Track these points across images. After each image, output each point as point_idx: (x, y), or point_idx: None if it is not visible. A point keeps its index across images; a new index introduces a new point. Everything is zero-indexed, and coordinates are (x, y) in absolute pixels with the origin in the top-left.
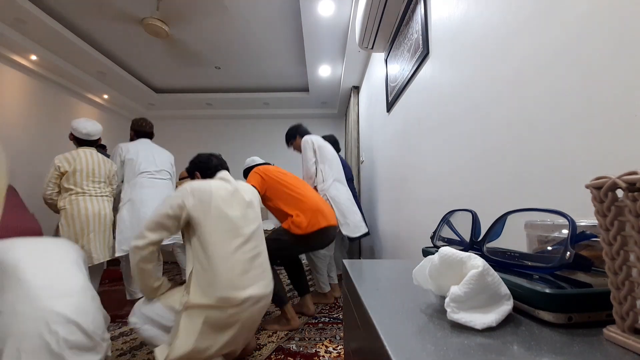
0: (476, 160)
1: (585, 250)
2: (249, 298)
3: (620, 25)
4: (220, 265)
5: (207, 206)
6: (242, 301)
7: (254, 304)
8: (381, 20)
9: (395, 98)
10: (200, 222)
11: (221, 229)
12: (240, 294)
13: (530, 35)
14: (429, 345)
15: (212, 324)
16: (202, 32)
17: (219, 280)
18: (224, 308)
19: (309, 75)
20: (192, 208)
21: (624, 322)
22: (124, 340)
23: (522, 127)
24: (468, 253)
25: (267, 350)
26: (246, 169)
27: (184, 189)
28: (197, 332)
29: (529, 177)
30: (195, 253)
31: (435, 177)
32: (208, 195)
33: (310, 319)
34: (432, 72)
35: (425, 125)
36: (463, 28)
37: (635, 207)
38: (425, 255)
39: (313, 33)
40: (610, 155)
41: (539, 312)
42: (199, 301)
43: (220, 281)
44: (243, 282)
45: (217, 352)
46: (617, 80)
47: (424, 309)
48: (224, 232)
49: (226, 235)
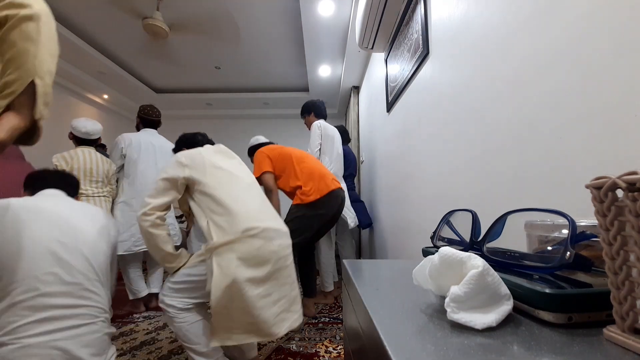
0: (476, 160)
1: (585, 250)
2: (269, 229)
3: (621, 25)
4: (234, 205)
5: (202, 165)
6: (264, 229)
7: (277, 238)
8: (381, 20)
9: (395, 98)
10: (200, 180)
11: (223, 180)
12: (261, 224)
13: (530, 35)
14: (429, 345)
15: (245, 259)
16: (202, 32)
17: (237, 216)
18: (250, 238)
19: (309, 75)
20: (189, 169)
21: (624, 322)
22: (124, 340)
23: (522, 127)
24: (468, 253)
25: (267, 350)
26: (251, 148)
27: (175, 157)
28: (234, 264)
29: (529, 177)
30: (205, 206)
31: (435, 177)
32: (200, 156)
33: (310, 319)
34: (432, 72)
35: (425, 125)
36: (463, 28)
37: (635, 207)
38: (425, 255)
39: (313, 33)
40: (610, 155)
41: (539, 312)
42: (223, 239)
43: (238, 216)
44: (260, 216)
45: (259, 304)
46: (617, 80)
47: (424, 309)
48: (226, 182)
49: (229, 183)
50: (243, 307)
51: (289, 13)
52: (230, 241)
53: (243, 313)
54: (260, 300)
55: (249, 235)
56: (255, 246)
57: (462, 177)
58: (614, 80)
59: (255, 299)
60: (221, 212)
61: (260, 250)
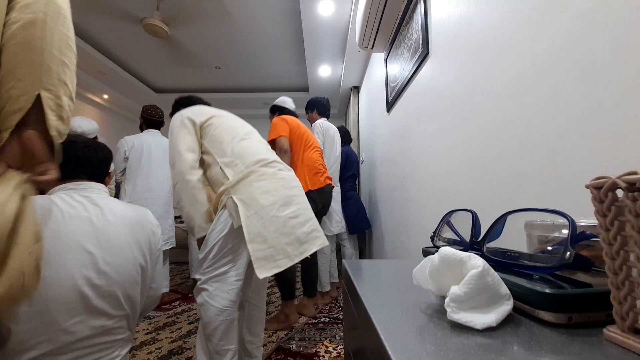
0: (476, 160)
1: (585, 250)
2: (278, 161)
3: (621, 25)
4: (243, 144)
5: (204, 113)
6: (274, 160)
7: (286, 169)
8: (381, 20)
9: (395, 98)
10: (209, 132)
11: (230, 128)
12: (270, 156)
13: (530, 34)
14: (429, 345)
15: (264, 187)
16: (202, 32)
17: (247, 153)
18: (264, 167)
19: (309, 75)
20: (199, 120)
21: (624, 322)
22: None
23: (522, 127)
24: (468, 253)
25: (267, 350)
26: (274, 107)
27: (179, 114)
28: (256, 192)
29: (529, 177)
30: (215, 152)
31: (435, 177)
32: (205, 110)
33: (310, 319)
34: (432, 72)
35: (425, 125)
36: (463, 28)
37: (635, 207)
38: (425, 255)
39: (313, 33)
40: (610, 155)
41: (539, 312)
42: (239, 176)
43: (248, 152)
44: (268, 153)
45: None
46: (617, 80)
47: (424, 309)
48: (232, 130)
49: (235, 128)
50: (276, 228)
51: (289, 13)
52: (246, 175)
53: (279, 235)
54: (291, 220)
55: (262, 165)
56: (270, 172)
57: (462, 177)
58: (614, 80)
59: (286, 219)
60: (230, 152)
61: (276, 176)
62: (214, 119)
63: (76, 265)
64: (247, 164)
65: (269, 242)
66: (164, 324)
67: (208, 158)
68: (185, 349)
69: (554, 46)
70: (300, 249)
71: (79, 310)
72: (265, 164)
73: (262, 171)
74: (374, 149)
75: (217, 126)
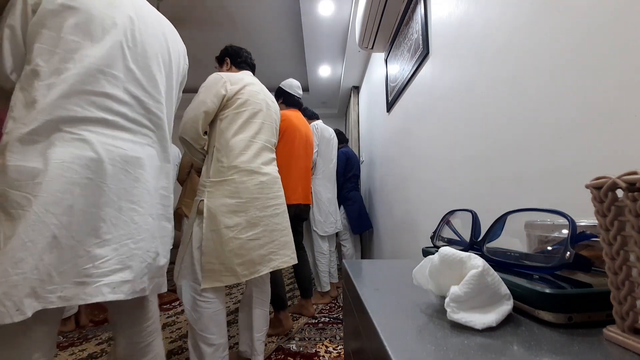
0: (476, 160)
1: (585, 250)
2: (266, 166)
3: (621, 25)
4: (236, 138)
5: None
6: (258, 168)
7: (271, 182)
8: (381, 20)
9: (395, 98)
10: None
11: (243, 118)
12: (259, 159)
13: (530, 34)
14: (429, 345)
15: (234, 200)
16: (201, 32)
17: (237, 147)
18: (245, 179)
19: (309, 75)
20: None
21: (624, 322)
22: None
23: (522, 127)
24: (468, 253)
25: (267, 350)
26: (279, 90)
27: (218, 76)
28: (224, 210)
29: (529, 177)
30: (216, 139)
31: (435, 177)
32: (241, 82)
33: (310, 319)
34: (432, 72)
35: (426, 125)
36: (463, 28)
37: (635, 207)
38: (425, 255)
39: (313, 33)
40: (610, 155)
41: (539, 312)
42: (218, 178)
43: (238, 148)
44: (257, 159)
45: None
46: (617, 80)
47: (424, 309)
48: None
49: (242, 122)
50: (232, 249)
51: (289, 13)
52: (223, 181)
53: (233, 255)
54: (250, 242)
55: (246, 170)
56: (251, 183)
57: (462, 177)
58: (614, 80)
59: (245, 241)
60: (224, 142)
61: (254, 189)
62: (238, 97)
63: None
64: (229, 165)
65: (221, 259)
66: (164, 324)
67: (210, 140)
68: (185, 349)
69: (554, 46)
70: (252, 269)
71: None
72: (250, 170)
73: (240, 180)
74: (374, 149)
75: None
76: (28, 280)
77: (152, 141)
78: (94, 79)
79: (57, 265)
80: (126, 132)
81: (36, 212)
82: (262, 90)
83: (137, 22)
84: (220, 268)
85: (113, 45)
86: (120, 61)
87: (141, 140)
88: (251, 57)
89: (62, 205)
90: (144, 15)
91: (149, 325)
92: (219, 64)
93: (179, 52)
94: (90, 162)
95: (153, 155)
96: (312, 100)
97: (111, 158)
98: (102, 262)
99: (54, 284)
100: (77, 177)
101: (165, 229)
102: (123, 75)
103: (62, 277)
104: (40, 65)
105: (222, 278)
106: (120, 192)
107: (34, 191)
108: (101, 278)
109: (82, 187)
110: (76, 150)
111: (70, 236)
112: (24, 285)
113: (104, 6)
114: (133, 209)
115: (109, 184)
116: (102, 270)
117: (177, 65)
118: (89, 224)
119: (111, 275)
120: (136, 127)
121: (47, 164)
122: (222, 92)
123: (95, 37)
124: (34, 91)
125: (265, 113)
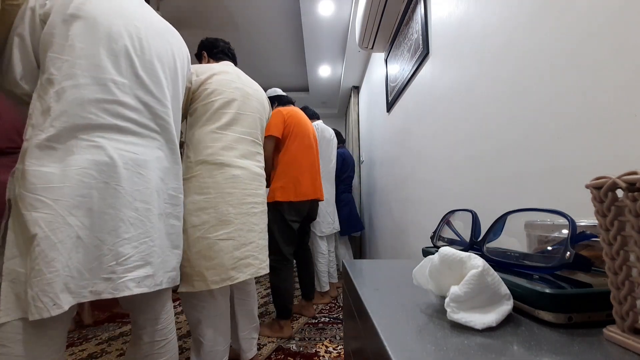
0: (476, 160)
1: (585, 250)
2: (242, 160)
3: (621, 25)
4: (204, 130)
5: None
6: (234, 162)
7: (252, 176)
8: (381, 20)
9: (395, 98)
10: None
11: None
12: (233, 153)
13: (530, 34)
14: (429, 345)
15: (199, 207)
16: (201, 32)
17: (205, 140)
18: (215, 173)
19: (309, 75)
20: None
21: (624, 322)
22: (124, 340)
23: (522, 127)
24: (468, 253)
25: (267, 350)
26: (270, 100)
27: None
28: (192, 206)
29: (529, 177)
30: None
31: (435, 177)
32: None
33: (310, 319)
34: (432, 72)
35: (426, 125)
36: (463, 28)
37: (635, 207)
38: (425, 255)
39: (313, 33)
40: (610, 155)
41: (539, 312)
42: (185, 175)
43: (206, 141)
44: (237, 153)
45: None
46: (618, 80)
47: (424, 309)
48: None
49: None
50: (199, 250)
51: (289, 13)
52: (190, 178)
53: (200, 257)
54: (220, 243)
55: (215, 164)
56: (221, 178)
57: (462, 177)
58: (614, 80)
59: (214, 241)
60: (190, 135)
61: (226, 184)
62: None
63: None
64: (196, 160)
65: (190, 262)
66: None
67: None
68: (185, 349)
69: (554, 46)
70: (224, 275)
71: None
72: (220, 163)
73: (208, 174)
74: (374, 149)
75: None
76: (61, 277)
77: (161, 144)
78: (105, 87)
79: (84, 263)
80: (136, 136)
81: (62, 215)
82: (238, 79)
83: (143, 30)
84: (190, 272)
85: (122, 53)
86: (129, 68)
87: (150, 144)
88: (230, 47)
89: (83, 208)
90: (149, 22)
91: (167, 319)
92: (198, 59)
93: (184, 57)
94: (106, 167)
95: (161, 157)
96: (312, 100)
97: (125, 162)
98: (125, 259)
99: (84, 279)
100: (95, 182)
101: (174, 226)
102: (132, 82)
103: (91, 273)
104: (53, 74)
105: (194, 283)
106: (135, 193)
107: (50, 195)
108: (126, 274)
109: (100, 191)
110: (92, 156)
111: (93, 236)
112: (58, 282)
113: (111, 15)
114: (148, 209)
115: (125, 187)
116: (126, 267)
117: (182, 70)
118: (109, 225)
119: (134, 271)
120: (145, 132)
121: (68, 171)
122: (186, 85)
123: (104, 45)
124: (48, 99)
125: (241, 102)
